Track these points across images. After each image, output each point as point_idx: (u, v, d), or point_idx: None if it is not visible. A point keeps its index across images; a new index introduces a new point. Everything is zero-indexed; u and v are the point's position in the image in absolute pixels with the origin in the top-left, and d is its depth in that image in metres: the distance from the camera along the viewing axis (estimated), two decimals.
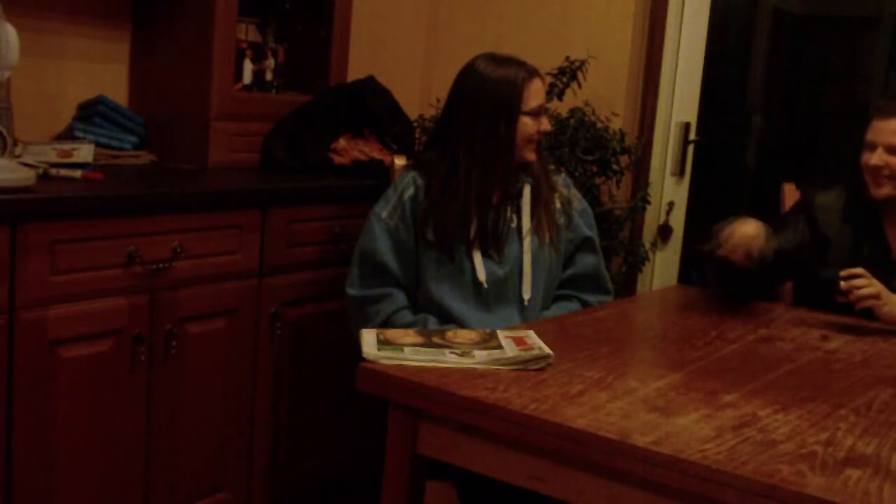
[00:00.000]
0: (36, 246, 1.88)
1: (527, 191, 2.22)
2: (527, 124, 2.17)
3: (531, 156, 2.21)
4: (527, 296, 2.17)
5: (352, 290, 2.19)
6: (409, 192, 2.20)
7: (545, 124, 2.21)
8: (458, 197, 2.15)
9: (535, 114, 2.18)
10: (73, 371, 1.97)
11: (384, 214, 2.19)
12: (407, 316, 2.15)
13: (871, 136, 2.21)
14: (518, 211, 2.21)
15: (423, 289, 2.18)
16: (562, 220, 2.26)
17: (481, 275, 2.14)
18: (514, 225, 2.19)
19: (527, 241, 2.19)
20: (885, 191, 2.20)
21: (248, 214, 2.31)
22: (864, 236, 2.27)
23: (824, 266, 2.18)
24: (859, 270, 2.04)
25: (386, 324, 2.12)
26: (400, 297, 2.17)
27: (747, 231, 2.09)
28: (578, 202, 2.32)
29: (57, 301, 1.93)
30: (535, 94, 2.18)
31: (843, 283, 2.02)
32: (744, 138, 4.70)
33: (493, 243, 2.17)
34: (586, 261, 2.30)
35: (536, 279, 2.19)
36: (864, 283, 2.02)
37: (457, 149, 2.17)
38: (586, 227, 2.31)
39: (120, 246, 2.03)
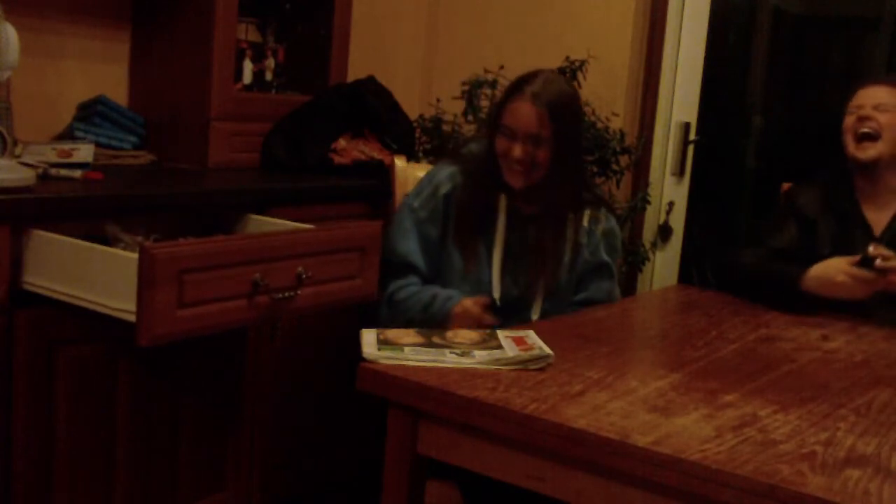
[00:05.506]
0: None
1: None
2: (499, 142, 2.09)
3: (510, 178, 2.10)
4: (534, 317, 2.14)
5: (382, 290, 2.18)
6: (445, 188, 2.16)
7: (516, 151, 2.05)
8: (471, 198, 2.14)
9: (507, 134, 2.07)
10: (73, 371, 1.97)
11: (416, 204, 2.17)
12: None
13: (857, 100, 2.32)
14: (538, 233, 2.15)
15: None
16: (584, 240, 2.20)
17: (496, 292, 2.12)
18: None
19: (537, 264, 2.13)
20: (870, 153, 2.27)
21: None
22: (846, 221, 2.33)
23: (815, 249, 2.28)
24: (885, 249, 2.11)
25: (408, 299, 2.12)
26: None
27: None
28: (606, 221, 2.24)
29: (58, 300, 1.92)
30: (513, 113, 2.06)
31: (878, 262, 2.05)
32: (744, 138, 4.70)
33: (513, 261, 2.14)
34: (602, 286, 2.24)
35: (546, 302, 2.15)
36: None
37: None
38: (606, 251, 2.23)
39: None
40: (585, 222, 2.20)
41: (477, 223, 2.14)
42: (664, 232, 3.24)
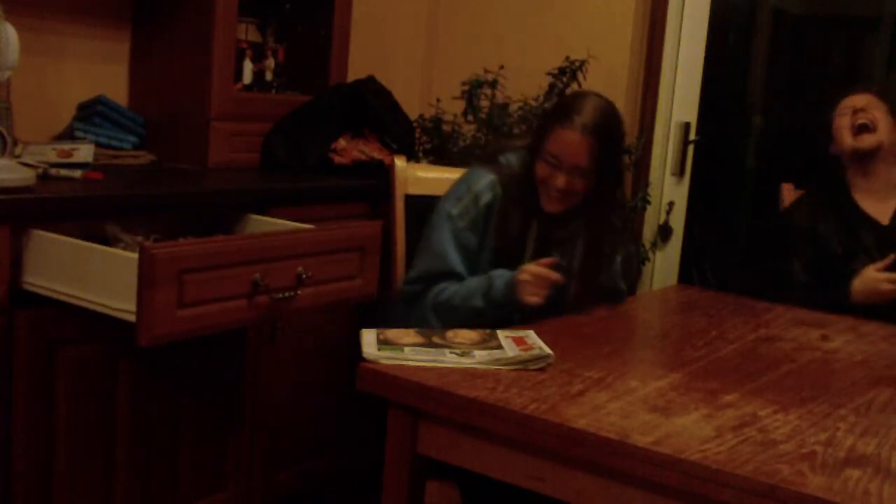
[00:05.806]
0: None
1: (580, 242, 2.13)
2: (541, 168, 2.05)
3: (547, 204, 2.06)
4: None
5: (413, 287, 2.11)
6: (486, 198, 2.10)
7: (559, 181, 2.01)
8: (508, 225, 2.09)
9: (551, 162, 2.02)
10: (73, 371, 1.97)
11: (454, 212, 2.10)
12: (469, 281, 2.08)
13: (848, 103, 2.47)
14: (569, 254, 2.13)
15: None
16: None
17: (518, 312, 2.06)
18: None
19: (571, 287, 2.10)
20: (870, 141, 2.39)
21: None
22: (846, 217, 2.40)
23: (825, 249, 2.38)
24: None
25: (454, 298, 2.06)
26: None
27: None
28: (625, 248, 2.23)
29: (58, 300, 1.92)
30: (559, 142, 2.00)
31: None
32: (744, 138, 4.70)
33: None
34: (612, 306, 2.20)
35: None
36: None
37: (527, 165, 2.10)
38: (622, 276, 2.21)
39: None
40: (607, 248, 2.17)
41: (510, 248, 2.11)
42: (664, 232, 3.24)
